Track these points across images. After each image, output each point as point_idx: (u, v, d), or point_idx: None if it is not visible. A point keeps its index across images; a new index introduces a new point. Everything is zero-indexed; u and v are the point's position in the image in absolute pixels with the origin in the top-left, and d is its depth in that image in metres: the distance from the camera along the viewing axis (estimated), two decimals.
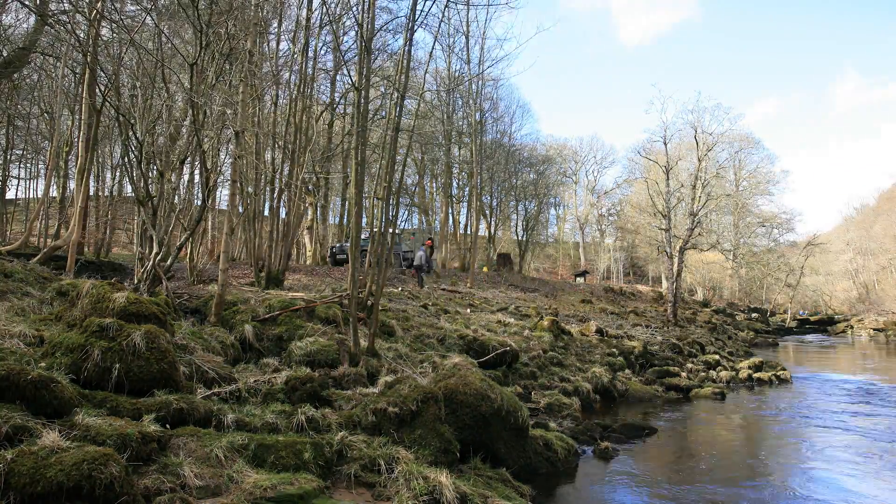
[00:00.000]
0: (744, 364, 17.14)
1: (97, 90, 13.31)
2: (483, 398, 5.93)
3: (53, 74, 20.34)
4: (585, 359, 13.17)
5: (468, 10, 27.91)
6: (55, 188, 19.09)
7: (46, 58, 18.25)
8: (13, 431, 3.72)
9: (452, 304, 16.45)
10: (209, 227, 22.11)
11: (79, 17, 12.79)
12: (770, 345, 29.92)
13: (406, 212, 42.31)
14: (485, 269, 33.40)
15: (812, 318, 47.97)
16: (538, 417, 8.48)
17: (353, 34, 20.34)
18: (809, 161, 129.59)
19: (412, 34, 9.07)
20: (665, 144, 30.01)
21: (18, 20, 18.98)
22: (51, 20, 12.73)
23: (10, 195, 27.05)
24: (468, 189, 35.24)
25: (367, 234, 12.67)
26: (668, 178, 29.25)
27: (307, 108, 14.46)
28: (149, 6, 11.66)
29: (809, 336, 39.67)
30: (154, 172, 9.78)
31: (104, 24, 12.90)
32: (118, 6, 13.49)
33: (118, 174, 25.36)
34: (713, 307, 39.20)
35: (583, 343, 14.39)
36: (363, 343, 8.31)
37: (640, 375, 13.81)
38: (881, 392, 13.71)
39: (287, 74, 15.13)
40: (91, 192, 20.54)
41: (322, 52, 21.70)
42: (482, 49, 29.54)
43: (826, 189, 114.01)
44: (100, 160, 23.17)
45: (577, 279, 41.64)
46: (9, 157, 24.26)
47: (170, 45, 10.51)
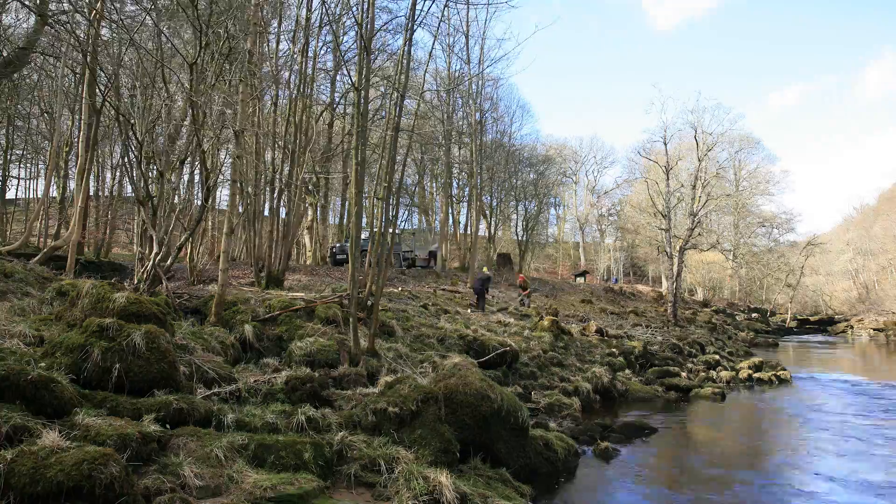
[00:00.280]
0: (744, 364, 17.14)
1: (97, 90, 13.31)
2: (483, 398, 5.93)
3: (53, 74, 20.34)
4: (585, 359, 13.16)
5: (468, 10, 27.90)
6: (55, 188, 19.09)
7: (46, 58, 18.24)
8: (13, 431, 3.72)
9: (452, 304, 16.45)
10: (209, 227, 22.12)
11: (78, 17, 12.79)
12: (770, 345, 29.89)
13: (406, 212, 42.35)
14: (485, 269, 33.33)
15: (812, 319, 47.96)
16: (538, 417, 8.48)
17: (353, 34, 20.33)
18: (825, 152, 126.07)
19: (412, 34, 9.07)
20: (665, 144, 30.01)
21: (18, 20, 18.98)
22: (51, 20, 12.72)
23: (10, 195, 27.06)
24: (468, 189, 35.22)
25: (367, 234, 12.66)
26: (668, 178, 29.26)
27: (307, 108, 14.46)
28: (149, 6, 11.66)
29: (809, 336, 39.66)
30: (154, 172, 9.78)
31: (104, 24, 12.91)
32: (118, 6, 13.50)
33: (118, 174, 25.36)
34: (713, 307, 39.20)
35: (583, 343, 14.39)
36: (363, 343, 8.31)
37: (640, 375, 13.81)
38: (881, 392, 13.71)
39: (287, 74, 15.14)
40: (91, 192, 20.55)
41: (322, 52, 21.71)
42: (482, 49, 29.51)
43: (826, 189, 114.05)
44: (100, 160, 23.16)
45: (577, 279, 41.62)
46: (9, 157, 24.28)
47: (169, 45, 10.51)
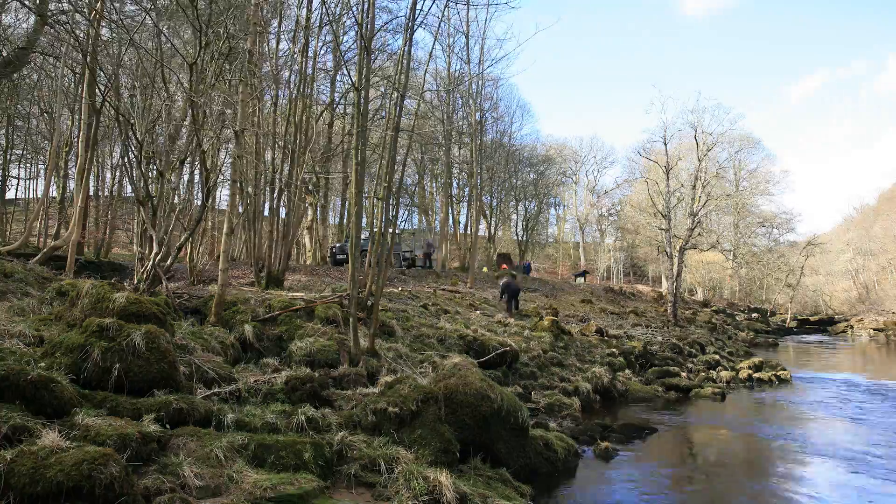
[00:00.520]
0: (744, 364, 17.13)
1: (97, 90, 13.31)
2: (483, 398, 5.92)
3: (53, 74, 20.33)
4: (585, 359, 13.16)
5: (468, 10, 27.88)
6: (55, 188, 19.09)
7: (46, 58, 18.23)
8: (13, 431, 3.71)
9: (452, 304, 16.45)
10: (209, 227, 22.11)
11: (78, 17, 12.79)
12: (770, 345, 29.87)
13: (406, 212, 42.35)
14: (485, 269, 33.38)
15: (812, 319, 47.93)
16: (538, 417, 8.48)
17: (353, 34, 20.32)
18: (825, 151, 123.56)
19: (412, 34, 9.07)
20: (665, 144, 30.00)
21: (18, 20, 18.98)
22: (50, 20, 12.72)
23: (10, 195, 27.06)
24: (468, 189, 35.24)
25: (367, 234, 12.66)
26: (668, 178, 29.25)
27: (307, 108, 14.46)
28: (148, 6, 11.66)
29: (809, 336, 39.64)
30: (154, 172, 9.77)
31: (104, 24, 12.91)
32: (118, 6, 13.50)
33: (118, 174, 25.35)
34: (713, 307, 39.16)
35: (583, 343, 14.39)
36: (363, 343, 8.31)
37: (640, 375, 13.81)
38: (881, 392, 13.71)
39: (287, 74, 15.14)
40: (91, 192, 20.55)
41: (322, 52, 21.70)
42: (482, 49, 29.51)
43: (826, 189, 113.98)
44: (100, 160, 23.16)
45: (578, 279, 41.59)
46: (9, 157, 24.28)
47: (169, 45, 10.51)
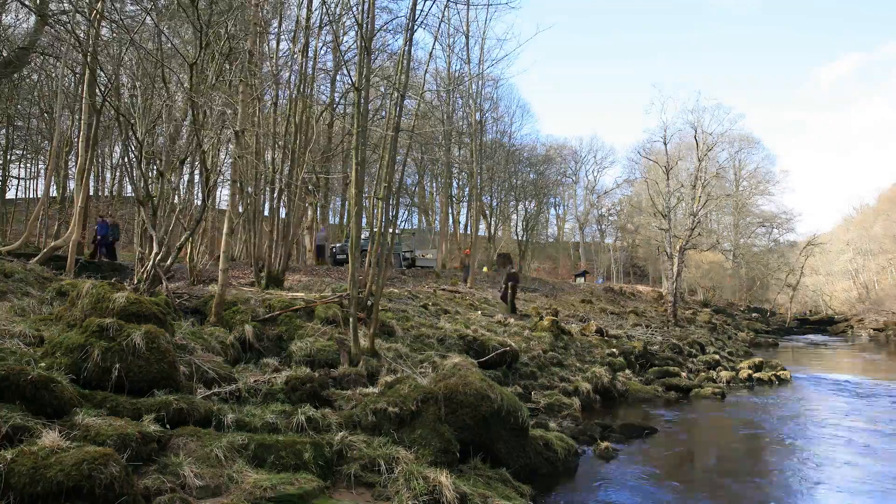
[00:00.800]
0: (744, 364, 17.13)
1: (97, 90, 13.30)
2: (483, 398, 5.92)
3: (53, 74, 20.36)
4: (585, 359, 13.16)
5: (468, 10, 27.84)
6: (55, 188, 19.10)
7: (46, 58, 18.25)
8: (13, 431, 3.71)
9: (452, 304, 16.44)
10: (209, 227, 22.10)
11: (79, 17, 12.78)
12: (770, 345, 29.89)
13: (406, 212, 42.36)
14: (485, 270, 33.38)
15: (812, 319, 47.93)
16: (538, 417, 8.48)
17: (353, 34, 20.33)
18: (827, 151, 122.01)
19: (412, 34, 9.07)
20: (665, 144, 30.04)
21: (18, 20, 19.00)
22: (51, 20, 12.73)
23: (10, 195, 27.07)
24: (468, 189, 35.24)
25: (367, 234, 12.66)
26: (669, 178, 29.26)
27: (307, 108, 14.45)
28: (149, 6, 11.65)
29: (809, 336, 39.64)
30: (154, 172, 9.77)
31: (104, 24, 12.90)
32: (118, 6, 13.49)
33: (118, 174, 25.39)
34: (713, 307, 39.16)
35: (583, 343, 14.39)
36: (363, 343, 8.30)
37: (640, 375, 13.81)
38: (881, 392, 13.71)
39: (287, 74, 15.14)
40: (91, 192, 20.55)
41: (322, 52, 21.70)
42: (482, 49, 29.48)
43: (826, 189, 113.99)
44: (100, 160, 23.17)
45: (577, 279, 41.57)
46: (9, 157, 24.30)
47: (170, 45, 10.51)
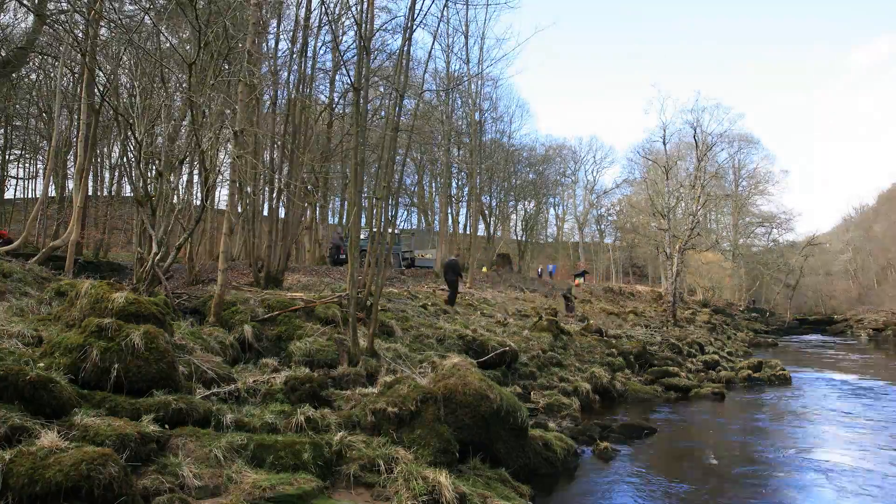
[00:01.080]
0: (743, 364, 17.14)
1: (96, 90, 13.29)
2: (482, 398, 5.92)
3: (52, 74, 20.35)
4: (585, 359, 13.16)
5: (467, 10, 27.82)
6: (54, 188, 19.10)
7: (45, 57, 18.24)
8: (12, 432, 3.70)
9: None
10: (208, 227, 22.10)
11: (77, 17, 12.77)
12: (769, 345, 29.92)
13: (405, 212, 42.38)
14: (484, 270, 33.38)
15: (811, 319, 47.95)
16: (537, 417, 8.48)
17: (352, 34, 20.30)
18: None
19: (411, 34, 9.07)
20: (664, 144, 30.11)
21: (16, 20, 18.98)
22: (49, 20, 12.72)
23: (9, 195, 27.05)
24: (467, 189, 35.25)
25: (367, 234, 12.65)
26: (668, 178, 29.28)
27: (306, 108, 14.44)
28: (147, 6, 11.64)
29: (809, 336, 39.67)
30: (153, 172, 9.76)
31: (102, 24, 12.89)
32: (117, 6, 13.48)
33: (117, 174, 25.37)
34: (712, 307, 39.18)
35: (582, 343, 14.38)
36: (362, 343, 8.30)
37: (640, 375, 13.81)
38: (880, 391, 13.72)
39: (286, 74, 15.13)
40: (90, 192, 20.53)
41: (321, 52, 21.67)
42: (481, 49, 29.45)
43: (826, 189, 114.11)
44: (98, 160, 23.15)
45: (577, 279, 41.56)
46: (7, 157, 24.28)
47: (168, 45, 10.49)
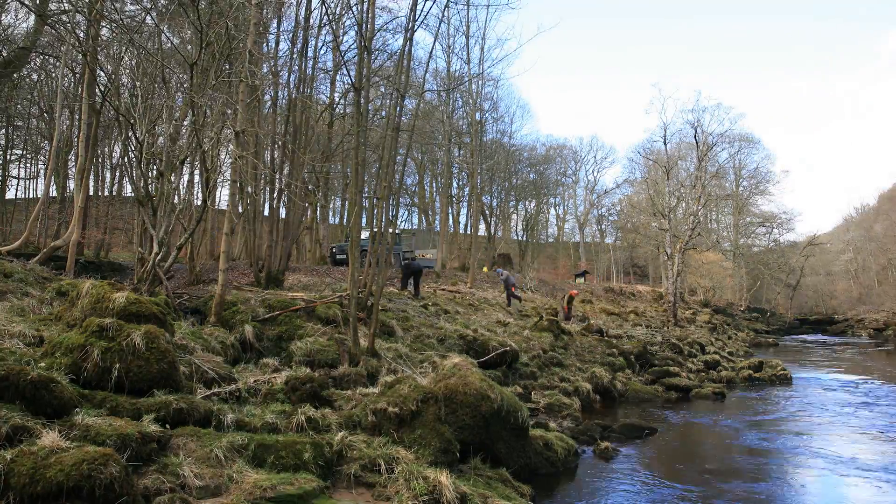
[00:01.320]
0: (744, 364, 17.14)
1: (97, 90, 13.30)
2: (483, 398, 5.92)
3: (53, 74, 20.36)
4: (585, 359, 13.16)
5: (468, 10, 27.83)
6: (55, 188, 19.10)
7: (46, 57, 18.26)
8: (13, 431, 3.71)
9: (452, 305, 16.44)
10: (209, 227, 22.12)
11: (78, 17, 12.78)
12: (770, 345, 29.91)
13: (406, 212, 42.40)
14: (485, 270, 33.38)
15: (812, 318, 47.93)
16: (538, 417, 8.48)
17: (353, 34, 20.30)
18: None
19: (412, 34, 9.07)
20: (665, 144, 30.10)
21: (18, 20, 18.99)
22: (50, 20, 12.72)
23: (10, 195, 27.05)
24: (468, 189, 35.26)
25: (367, 234, 12.65)
26: (669, 178, 29.28)
27: (307, 108, 14.45)
28: (149, 6, 11.65)
29: (809, 336, 39.65)
30: (154, 172, 9.77)
31: (104, 24, 12.90)
32: (118, 6, 13.49)
33: (118, 174, 25.38)
34: (713, 307, 39.16)
35: (583, 343, 14.38)
36: (363, 343, 8.31)
37: (640, 375, 13.81)
38: (881, 391, 13.71)
39: (287, 74, 15.12)
40: (91, 192, 20.54)
41: (322, 52, 21.67)
42: (482, 49, 29.47)
43: (826, 189, 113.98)
44: (99, 160, 23.16)
45: (577, 279, 41.55)
46: (8, 157, 24.29)
47: (170, 45, 10.50)
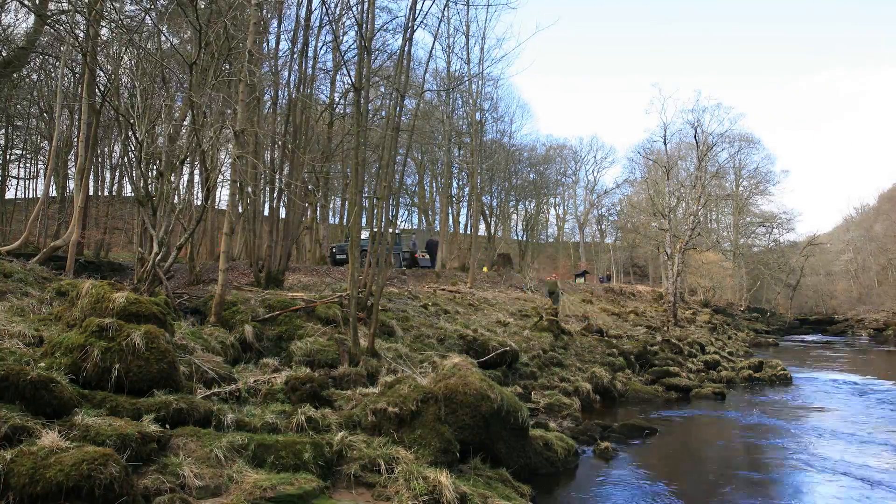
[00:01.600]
0: (744, 364, 17.13)
1: (97, 90, 13.30)
2: (483, 398, 5.92)
3: (53, 74, 20.36)
4: (585, 359, 13.16)
5: (468, 10, 27.81)
6: (55, 188, 19.10)
7: (46, 57, 18.25)
8: (13, 431, 3.71)
9: (452, 305, 16.43)
10: (209, 227, 22.11)
11: (78, 17, 12.78)
12: (770, 345, 29.90)
13: (406, 212, 42.39)
14: (485, 270, 33.36)
15: (812, 319, 47.91)
16: (538, 417, 8.48)
17: (353, 34, 20.29)
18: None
19: (412, 34, 9.07)
20: (665, 144, 30.09)
21: (18, 20, 19.00)
22: (50, 20, 12.72)
23: (10, 195, 27.04)
24: (468, 189, 35.27)
25: (367, 234, 12.65)
26: (669, 178, 29.28)
27: (307, 108, 14.44)
28: (148, 6, 11.65)
29: (809, 336, 39.64)
30: (154, 172, 9.77)
31: (104, 24, 12.90)
32: (118, 6, 13.49)
33: (118, 174, 25.38)
34: (713, 307, 39.13)
35: (583, 343, 14.38)
36: (363, 343, 8.30)
37: (640, 375, 13.81)
38: (881, 391, 13.70)
39: (287, 74, 15.11)
40: (91, 192, 20.54)
41: (322, 52, 21.66)
42: (482, 49, 29.44)
43: (826, 189, 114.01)
44: (99, 160, 23.16)
45: (577, 279, 41.52)
46: (8, 157, 24.27)
47: (169, 45, 10.50)
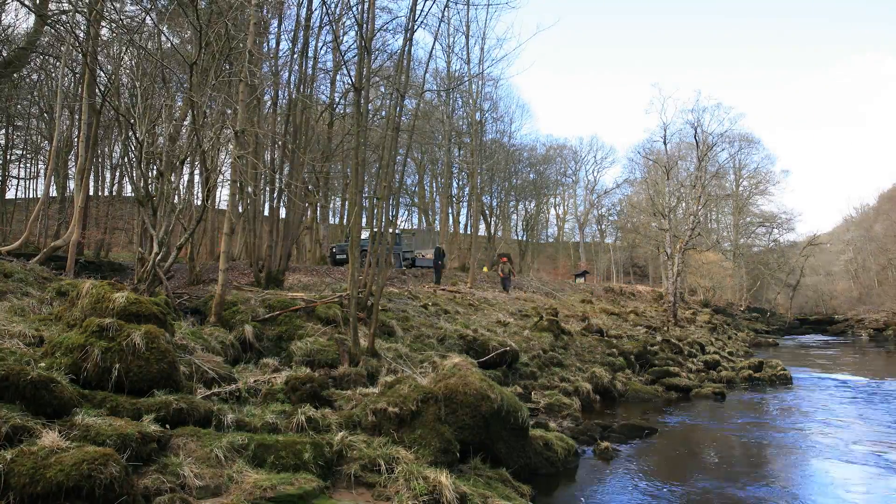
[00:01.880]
0: (744, 364, 17.13)
1: (97, 90, 13.31)
2: (483, 398, 5.92)
3: (53, 74, 20.36)
4: (585, 359, 13.16)
5: (468, 10, 27.81)
6: (55, 188, 19.11)
7: (46, 58, 18.25)
8: (13, 431, 3.71)
9: (452, 305, 16.43)
10: (209, 227, 22.13)
11: (78, 17, 12.79)
12: (770, 345, 29.91)
13: (406, 212, 42.41)
14: (484, 270, 33.36)
15: (812, 318, 47.92)
16: (538, 417, 8.48)
17: (353, 34, 20.29)
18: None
19: (412, 34, 9.08)
20: (665, 144, 30.08)
21: (18, 20, 19.01)
22: (50, 20, 12.73)
23: (10, 195, 27.05)
24: (468, 189, 35.28)
25: (367, 234, 12.66)
26: (669, 178, 29.28)
27: (307, 108, 14.45)
28: (148, 6, 11.66)
29: (809, 336, 39.65)
30: (154, 172, 9.77)
31: (104, 25, 12.90)
32: (118, 6, 13.49)
33: (118, 174, 25.40)
34: (713, 307, 39.13)
35: (583, 343, 14.38)
36: (363, 343, 8.31)
37: (640, 375, 13.81)
38: (881, 391, 13.70)
39: (287, 74, 15.12)
40: (91, 192, 20.55)
41: (322, 52, 21.67)
42: (482, 49, 29.45)
43: (826, 189, 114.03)
44: (100, 160, 23.17)
45: (577, 279, 41.53)
46: (8, 157, 24.27)
47: (169, 45, 10.50)
